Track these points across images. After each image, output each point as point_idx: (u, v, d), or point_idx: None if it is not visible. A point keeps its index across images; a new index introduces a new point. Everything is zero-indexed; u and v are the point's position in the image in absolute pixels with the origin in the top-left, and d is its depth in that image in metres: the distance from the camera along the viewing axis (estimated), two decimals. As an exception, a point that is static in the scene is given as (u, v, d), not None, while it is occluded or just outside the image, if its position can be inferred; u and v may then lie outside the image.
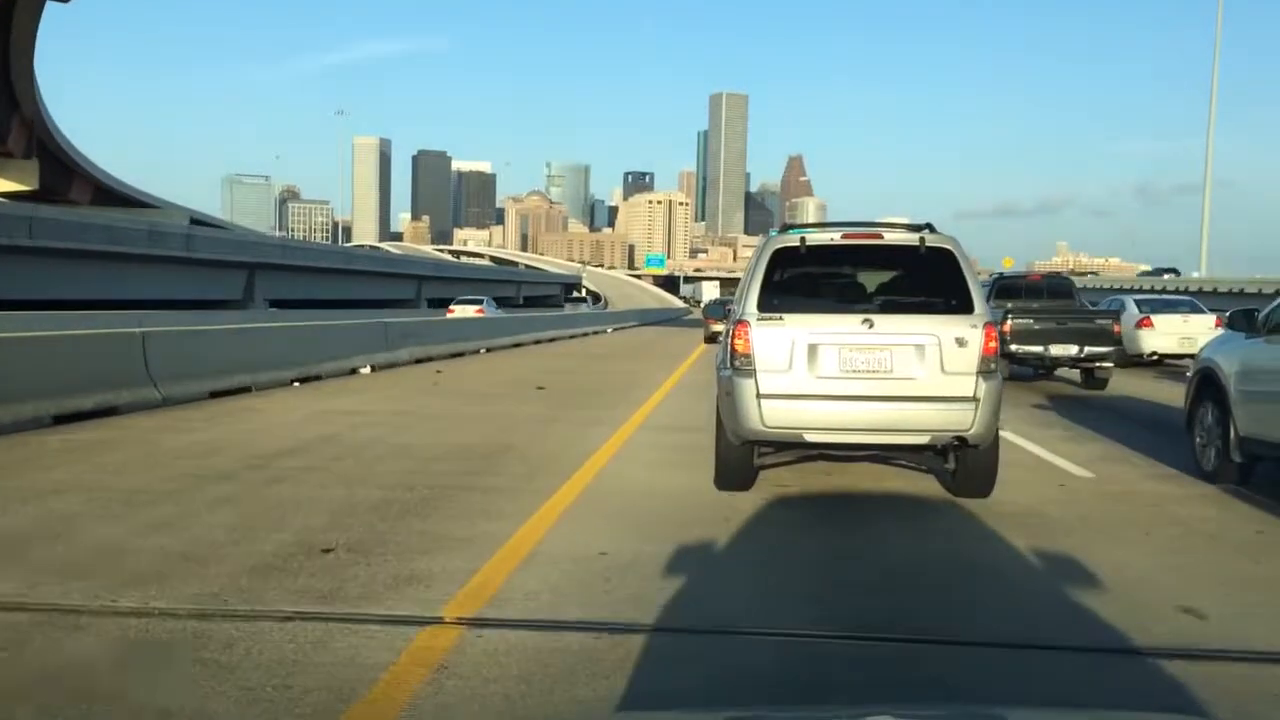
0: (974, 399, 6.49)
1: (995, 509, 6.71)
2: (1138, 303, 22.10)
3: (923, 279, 6.97)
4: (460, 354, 23.27)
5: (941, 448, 6.90)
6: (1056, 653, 4.05)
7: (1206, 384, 8.15)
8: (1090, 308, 19.19)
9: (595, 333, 41.61)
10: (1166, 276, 46.88)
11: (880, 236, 7.13)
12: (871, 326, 6.59)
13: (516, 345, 28.45)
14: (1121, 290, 38.30)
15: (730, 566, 5.31)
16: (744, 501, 6.78)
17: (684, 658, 3.95)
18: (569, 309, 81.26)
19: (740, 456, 7.00)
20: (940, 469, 7.38)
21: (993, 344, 6.60)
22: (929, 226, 7.01)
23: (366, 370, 17.56)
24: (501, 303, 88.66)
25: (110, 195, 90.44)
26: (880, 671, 3.87)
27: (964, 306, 6.68)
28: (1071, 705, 3.47)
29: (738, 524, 6.15)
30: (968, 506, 6.82)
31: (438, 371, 18.27)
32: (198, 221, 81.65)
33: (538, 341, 31.32)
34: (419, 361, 20.21)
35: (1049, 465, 8.71)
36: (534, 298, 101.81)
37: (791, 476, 7.66)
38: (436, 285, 70.12)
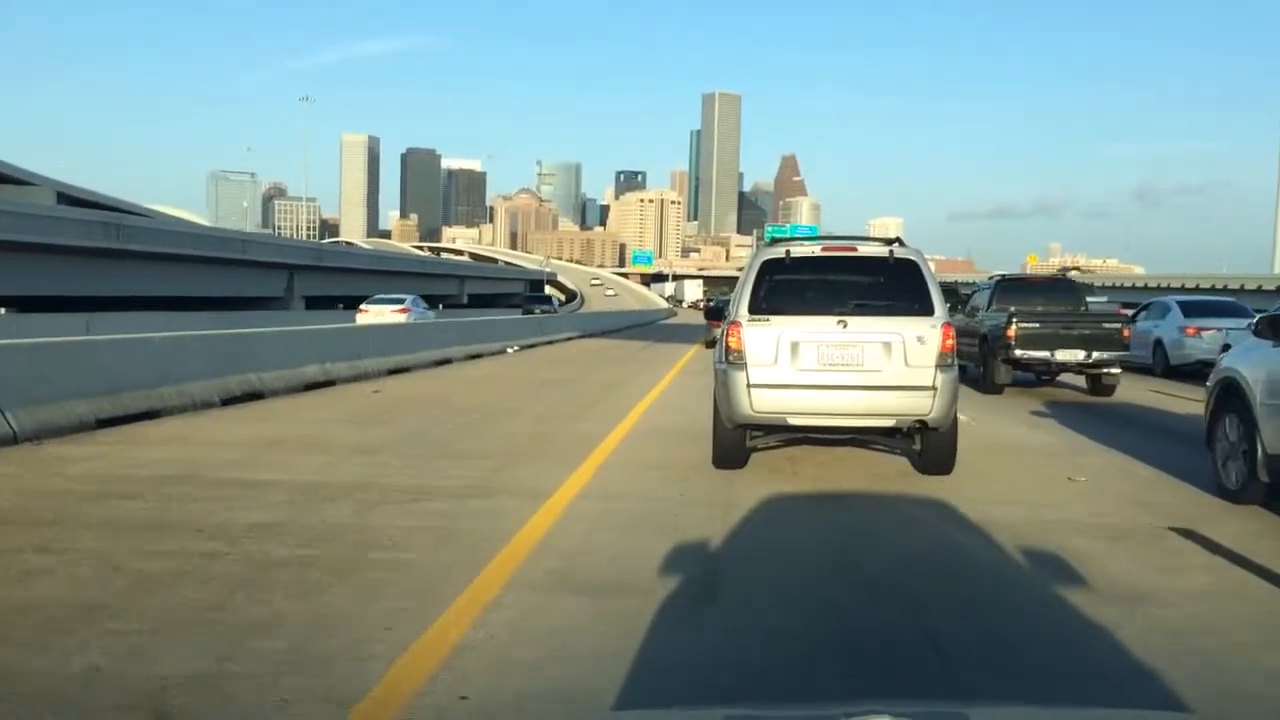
0: (933, 388, 7.46)
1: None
2: (1181, 304, 20.45)
3: (891, 286, 7.93)
4: None
5: (907, 430, 7.83)
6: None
7: (1229, 395, 7.50)
8: (1095, 310, 18.56)
9: (475, 357, 24.63)
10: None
11: (855, 249, 8.24)
12: (845, 326, 7.58)
13: (233, 400, 11.84)
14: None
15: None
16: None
17: None
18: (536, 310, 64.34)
19: (734, 439, 7.94)
20: (909, 450, 8.18)
21: (949, 342, 7.56)
22: (898, 241, 8.13)
23: None
24: (440, 301, 71.59)
25: (-38, 170, 74.37)
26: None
27: (925, 310, 7.67)
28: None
29: None
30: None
31: None
32: (71, 199, 65.23)
33: (308, 387, 14.64)
34: None
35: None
36: (485, 296, 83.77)
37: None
38: (319, 278, 51.63)
